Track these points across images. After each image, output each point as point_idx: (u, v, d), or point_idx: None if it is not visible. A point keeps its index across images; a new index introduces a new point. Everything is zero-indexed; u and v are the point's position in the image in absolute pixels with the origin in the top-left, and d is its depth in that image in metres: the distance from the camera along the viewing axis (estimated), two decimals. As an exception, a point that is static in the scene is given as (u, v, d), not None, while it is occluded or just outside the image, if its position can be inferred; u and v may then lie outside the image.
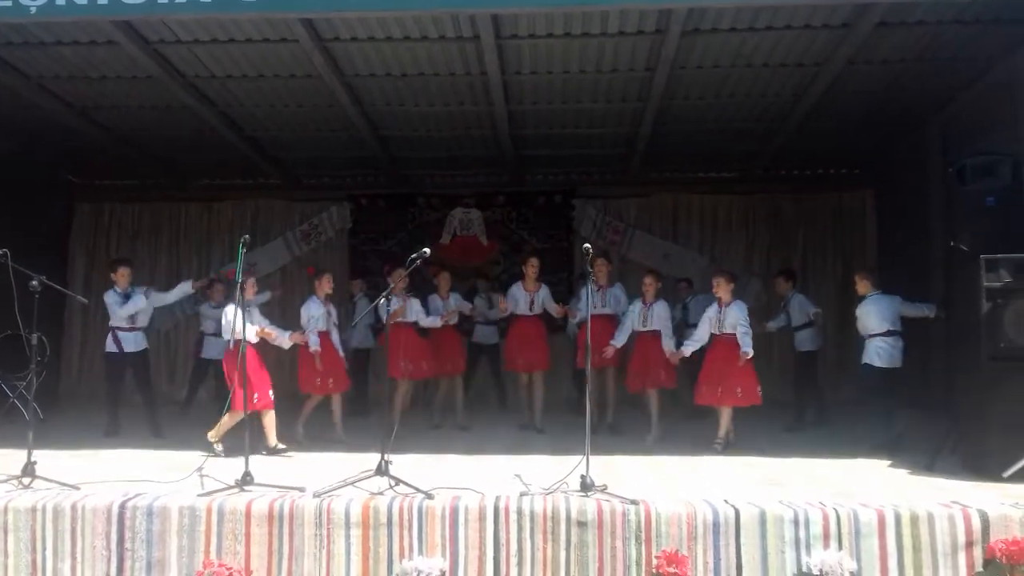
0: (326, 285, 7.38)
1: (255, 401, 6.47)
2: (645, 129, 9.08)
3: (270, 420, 6.69)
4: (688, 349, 7.16)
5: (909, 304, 7.10)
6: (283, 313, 9.47)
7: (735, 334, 6.85)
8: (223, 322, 6.73)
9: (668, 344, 7.36)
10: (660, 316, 7.48)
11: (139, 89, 8.21)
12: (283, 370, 9.16)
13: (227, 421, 6.51)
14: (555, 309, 8.06)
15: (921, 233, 9.21)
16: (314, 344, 7.11)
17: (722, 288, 7.03)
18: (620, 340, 7.48)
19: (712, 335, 7.05)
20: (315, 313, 7.23)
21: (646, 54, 7.40)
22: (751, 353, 6.79)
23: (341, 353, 7.56)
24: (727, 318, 6.95)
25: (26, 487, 5.10)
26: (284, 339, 6.91)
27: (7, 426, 7.43)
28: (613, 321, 7.92)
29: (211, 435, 6.54)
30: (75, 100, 8.58)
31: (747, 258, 11.06)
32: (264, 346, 6.92)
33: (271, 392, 6.71)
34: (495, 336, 9.73)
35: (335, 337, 7.46)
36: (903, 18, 6.61)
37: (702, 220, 11.21)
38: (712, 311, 7.07)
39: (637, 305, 7.61)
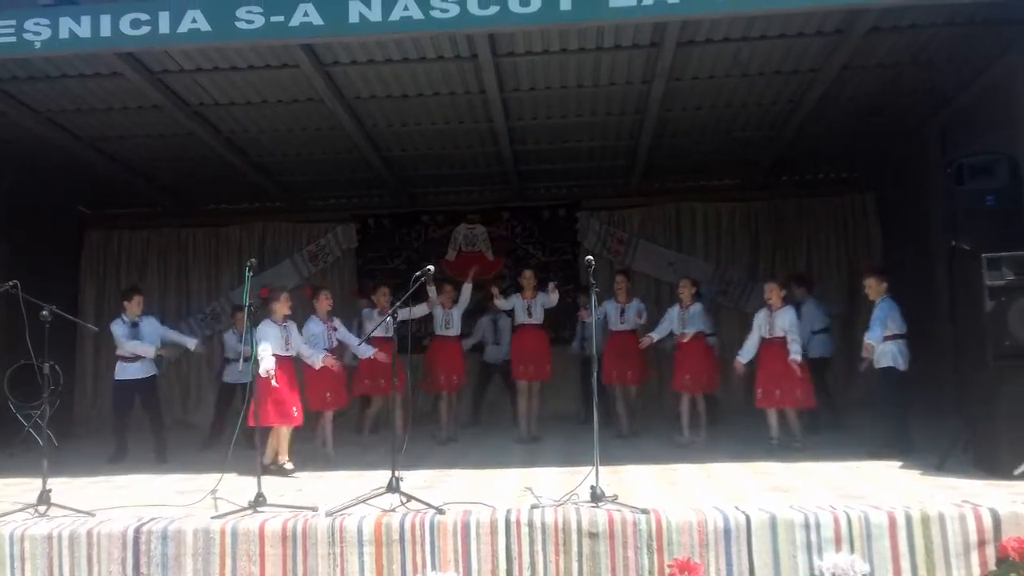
0: (325, 303, 7.47)
1: (295, 414, 6.65)
2: (645, 140, 9.15)
3: (286, 436, 6.74)
4: (744, 358, 7.38)
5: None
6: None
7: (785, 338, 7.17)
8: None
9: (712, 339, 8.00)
10: (697, 318, 7.88)
11: (145, 119, 8.34)
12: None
13: (282, 437, 6.64)
14: (554, 297, 8.20)
15: (923, 234, 9.22)
16: (330, 362, 7.06)
17: (774, 294, 7.31)
18: (658, 334, 7.96)
19: (762, 339, 7.29)
20: (316, 331, 7.33)
21: (642, 67, 7.47)
22: (799, 358, 7.06)
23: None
24: (777, 322, 7.21)
25: (42, 515, 5.16)
26: (316, 360, 6.95)
27: (23, 455, 7.50)
28: (633, 336, 8.22)
29: (282, 459, 6.62)
30: (83, 132, 8.71)
31: (751, 264, 11.08)
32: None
33: (295, 410, 6.74)
34: (504, 354, 9.71)
35: (345, 355, 7.55)
36: (895, 23, 6.66)
37: (706, 228, 11.24)
38: (762, 316, 7.35)
39: (675, 309, 7.99)
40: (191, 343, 8.12)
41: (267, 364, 6.43)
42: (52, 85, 7.48)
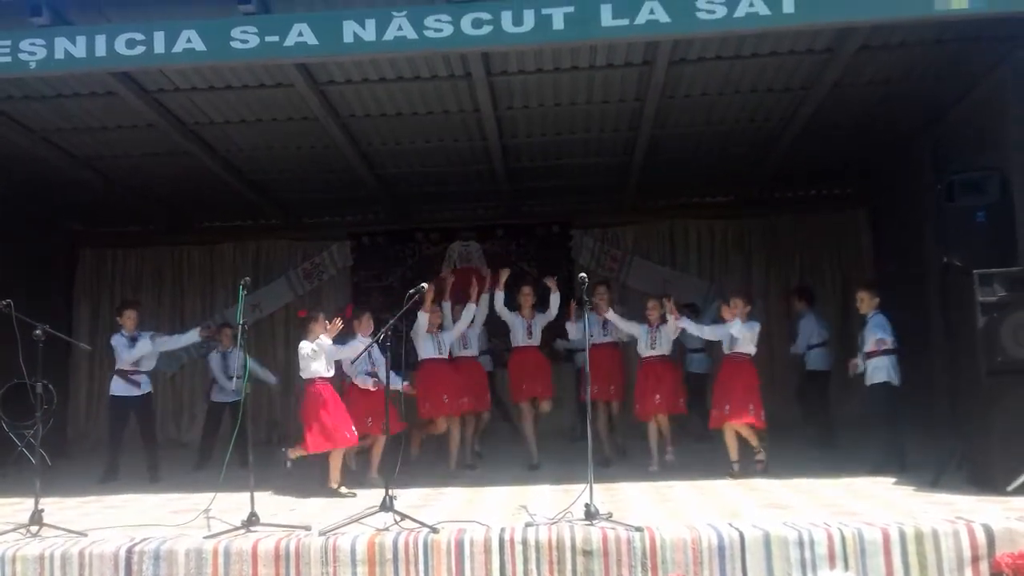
0: (364, 323, 7.14)
1: (350, 435, 6.50)
2: (638, 158, 9.20)
3: (337, 458, 6.56)
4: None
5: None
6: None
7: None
8: (302, 360, 6.55)
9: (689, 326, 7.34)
10: (668, 340, 7.42)
11: (140, 137, 8.36)
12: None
13: (333, 462, 6.48)
14: (555, 301, 7.81)
15: (916, 250, 9.24)
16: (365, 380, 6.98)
17: (740, 308, 6.88)
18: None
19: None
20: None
21: (635, 85, 7.53)
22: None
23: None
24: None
25: (34, 535, 5.13)
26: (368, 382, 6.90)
27: (16, 475, 7.46)
28: (616, 349, 7.94)
29: (332, 484, 6.46)
30: (78, 151, 8.74)
31: (746, 280, 11.10)
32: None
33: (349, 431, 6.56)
34: (489, 364, 9.61)
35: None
36: (885, 41, 6.73)
37: (700, 245, 11.28)
38: (738, 327, 7.00)
39: (644, 327, 7.48)
40: (191, 335, 8.11)
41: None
42: (47, 104, 7.51)
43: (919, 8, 5.46)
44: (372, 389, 6.82)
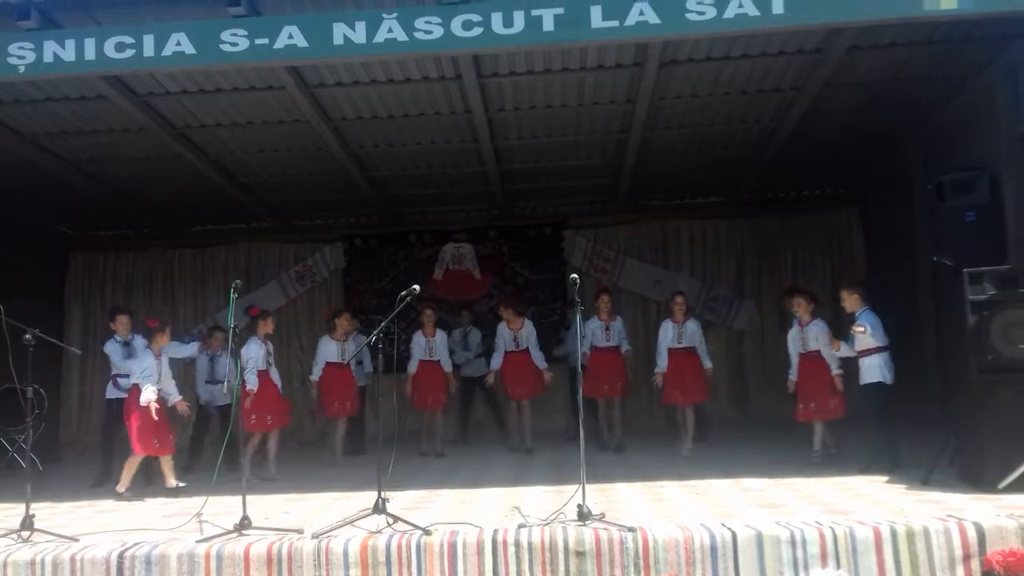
0: (266, 327, 7.72)
1: (156, 446, 6.84)
2: (630, 159, 9.21)
3: (167, 463, 6.98)
4: (792, 377, 7.43)
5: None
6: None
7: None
8: (138, 371, 6.98)
9: (706, 362, 8.22)
10: (693, 333, 8.19)
11: (131, 141, 8.34)
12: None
13: (128, 466, 6.83)
14: (539, 357, 8.71)
15: (907, 249, 9.29)
16: (251, 385, 7.36)
17: (802, 308, 7.30)
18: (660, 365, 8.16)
19: (799, 354, 7.33)
20: (254, 354, 7.47)
21: (626, 86, 7.54)
22: (835, 370, 7.13)
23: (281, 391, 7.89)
24: (810, 335, 7.24)
25: (25, 541, 5.10)
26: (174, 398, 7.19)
27: (7, 479, 7.42)
28: (618, 352, 8.60)
29: (119, 488, 6.76)
30: (68, 154, 8.71)
31: (738, 280, 11.14)
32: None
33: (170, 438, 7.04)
34: (484, 368, 9.72)
35: (274, 375, 7.79)
36: (874, 41, 6.76)
37: (692, 245, 11.31)
38: (793, 332, 7.41)
39: (670, 325, 8.26)
40: (192, 348, 8.38)
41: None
42: (37, 108, 7.48)
43: (909, 8, 5.47)
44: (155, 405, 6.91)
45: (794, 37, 6.64)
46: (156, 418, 6.78)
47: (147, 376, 6.87)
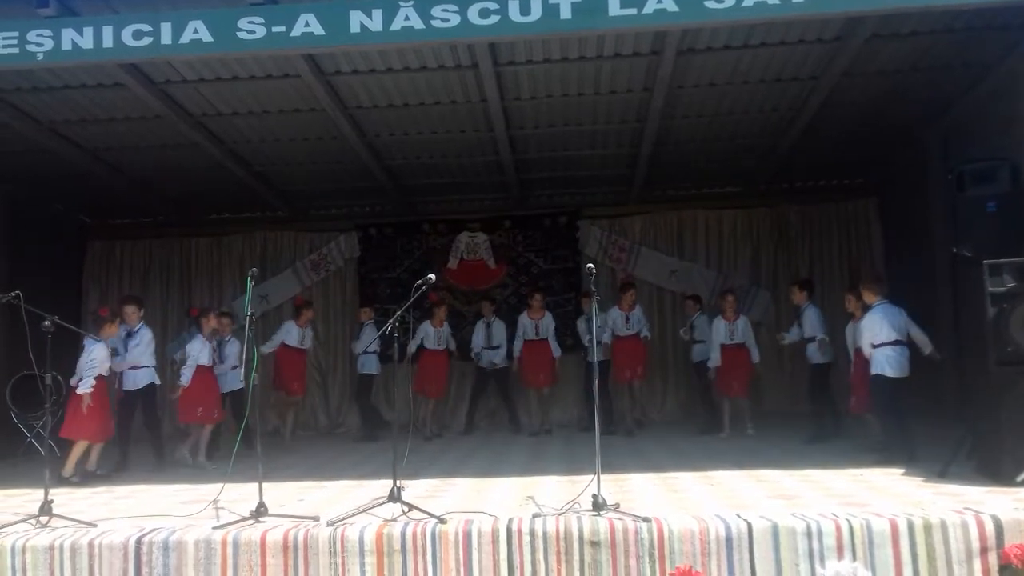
0: (211, 323, 8.07)
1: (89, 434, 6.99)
2: (646, 148, 9.16)
3: (80, 449, 7.02)
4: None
5: (916, 327, 6.97)
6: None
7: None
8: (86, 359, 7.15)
9: (755, 355, 8.88)
10: (743, 330, 8.83)
11: (148, 129, 8.37)
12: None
13: (76, 451, 6.96)
14: (555, 347, 9.50)
15: (925, 240, 9.21)
16: (184, 380, 7.73)
17: (852, 304, 7.45)
18: (714, 359, 8.83)
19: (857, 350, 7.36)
20: (195, 351, 7.80)
21: (643, 75, 7.49)
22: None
23: (220, 388, 8.20)
24: (864, 332, 7.15)
25: (44, 526, 5.15)
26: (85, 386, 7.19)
27: (25, 465, 7.50)
28: (639, 340, 9.23)
29: (64, 471, 6.84)
30: (85, 142, 8.75)
31: (753, 271, 11.08)
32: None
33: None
34: (500, 358, 9.76)
35: (217, 371, 8.14)
36: (895, 30, 6.68)
37: (707, 235, 11.26)
38: (849, 326, 7.58)
39: (721, 322, 8.84)
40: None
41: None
42: (55, 96, 7.52)
43: (930, -4, 5.41)
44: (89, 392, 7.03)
45: (813, 25, 6.58)
46: (92, 404, 6.99)
47: (92, 368, 7.11)
